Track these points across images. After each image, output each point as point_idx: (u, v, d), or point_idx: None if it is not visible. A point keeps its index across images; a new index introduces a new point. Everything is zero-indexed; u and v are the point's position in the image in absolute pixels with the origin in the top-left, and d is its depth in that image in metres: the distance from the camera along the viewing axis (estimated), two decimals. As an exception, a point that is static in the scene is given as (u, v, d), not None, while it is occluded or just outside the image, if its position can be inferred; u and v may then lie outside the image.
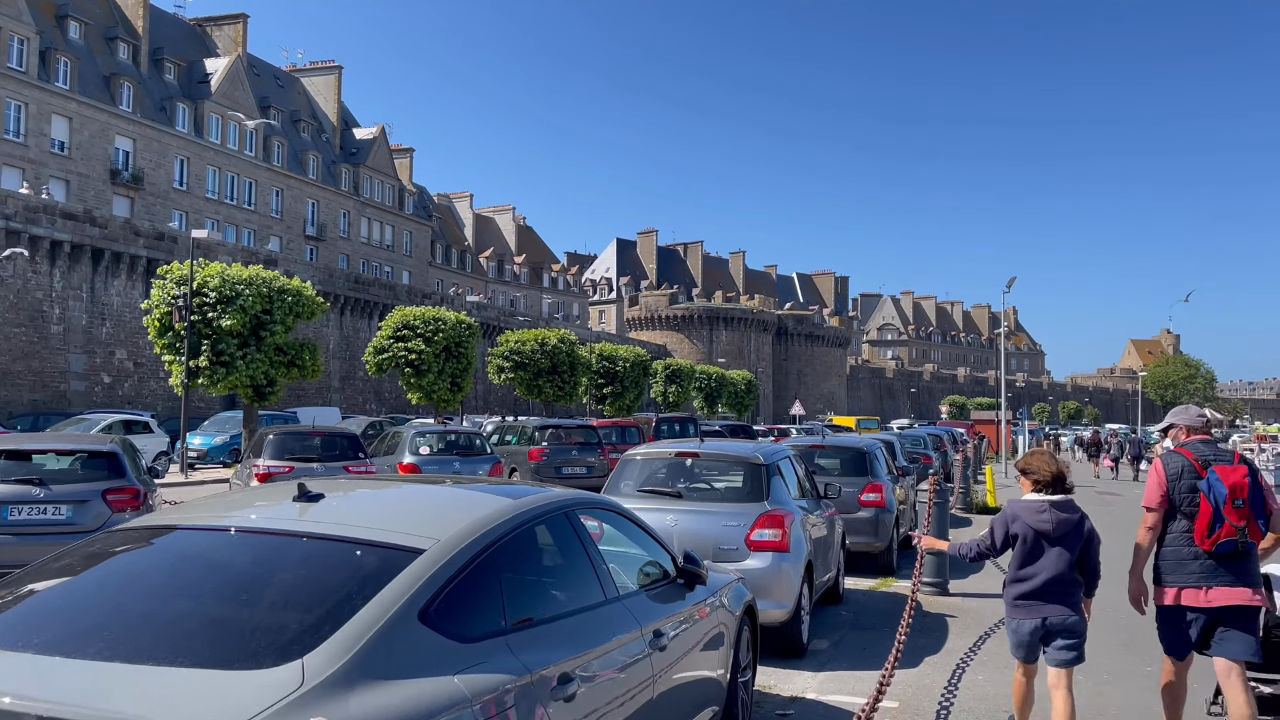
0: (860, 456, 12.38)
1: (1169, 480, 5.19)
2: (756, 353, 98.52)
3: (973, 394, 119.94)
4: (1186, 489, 5.14)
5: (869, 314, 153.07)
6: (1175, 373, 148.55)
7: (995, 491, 21.26)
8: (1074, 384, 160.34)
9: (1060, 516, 5.15)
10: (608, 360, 51.75)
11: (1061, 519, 5.15)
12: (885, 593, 10.73)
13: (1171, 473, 5.20)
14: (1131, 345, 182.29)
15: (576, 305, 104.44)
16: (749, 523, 7.44)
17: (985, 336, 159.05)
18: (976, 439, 37.54)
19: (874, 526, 11.65)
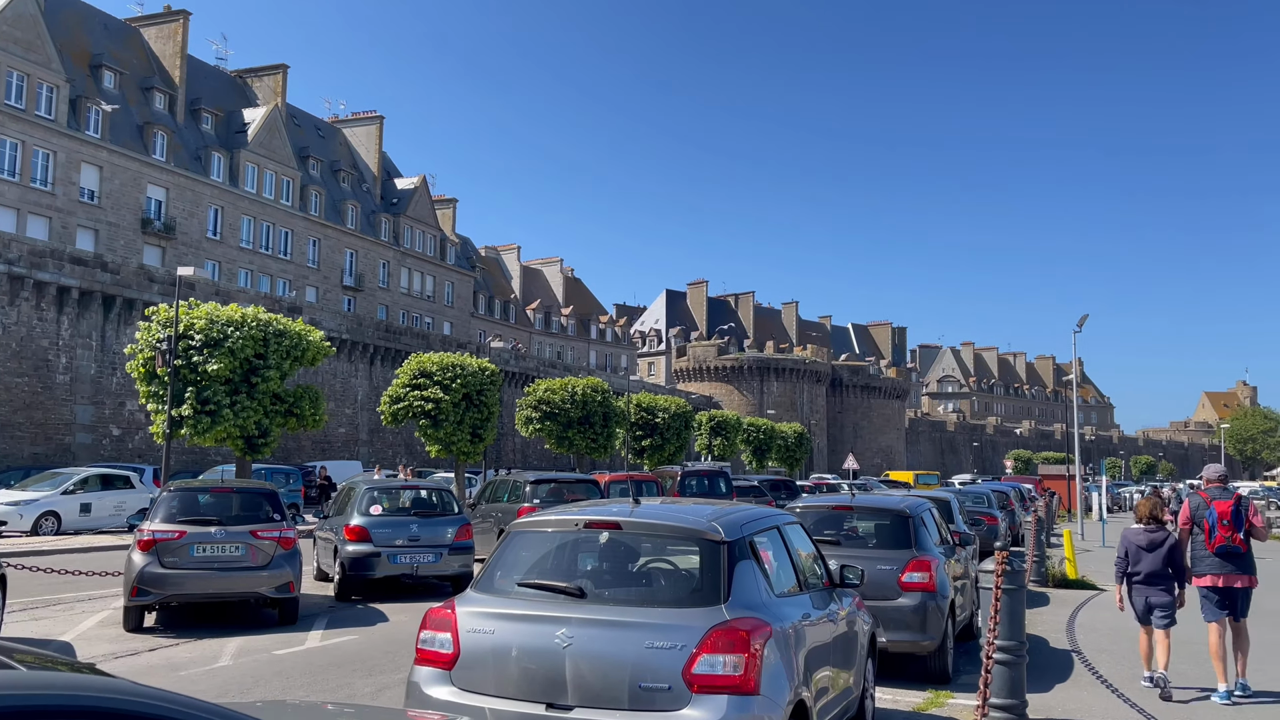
0: (901, 521, 9.37)
1: (1191, 509, 9.03)
2: (809, 405, 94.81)
3: (1038, 448, 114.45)
4: (1202, 515, 8.92)
5: (928, 366, 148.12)
6: (1255, 425, 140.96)
7: (1076, 560, 17.87)
8: (1146, 438, 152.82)
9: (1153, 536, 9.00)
10: (646, 411, 48.97)
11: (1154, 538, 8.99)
12: (936, 716, 7.70)
13: (1194, 505, 9.02)
14: (1206, 398, 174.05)
15: (625, 357, 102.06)
16: (694, 643, 4.61)
17: (1050, 389, 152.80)
18: (1047, 495, 33.84)
19: (920, 618, 8.64)
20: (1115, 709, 8.03)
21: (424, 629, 5.30)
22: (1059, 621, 12.76)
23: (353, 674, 9.22)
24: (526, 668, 4.87)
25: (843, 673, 6.12)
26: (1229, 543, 8.63)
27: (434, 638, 5.21)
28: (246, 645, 10.63)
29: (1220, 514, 8.68)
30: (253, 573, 11.46)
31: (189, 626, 11.85)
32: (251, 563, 11.47)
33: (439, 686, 5.09)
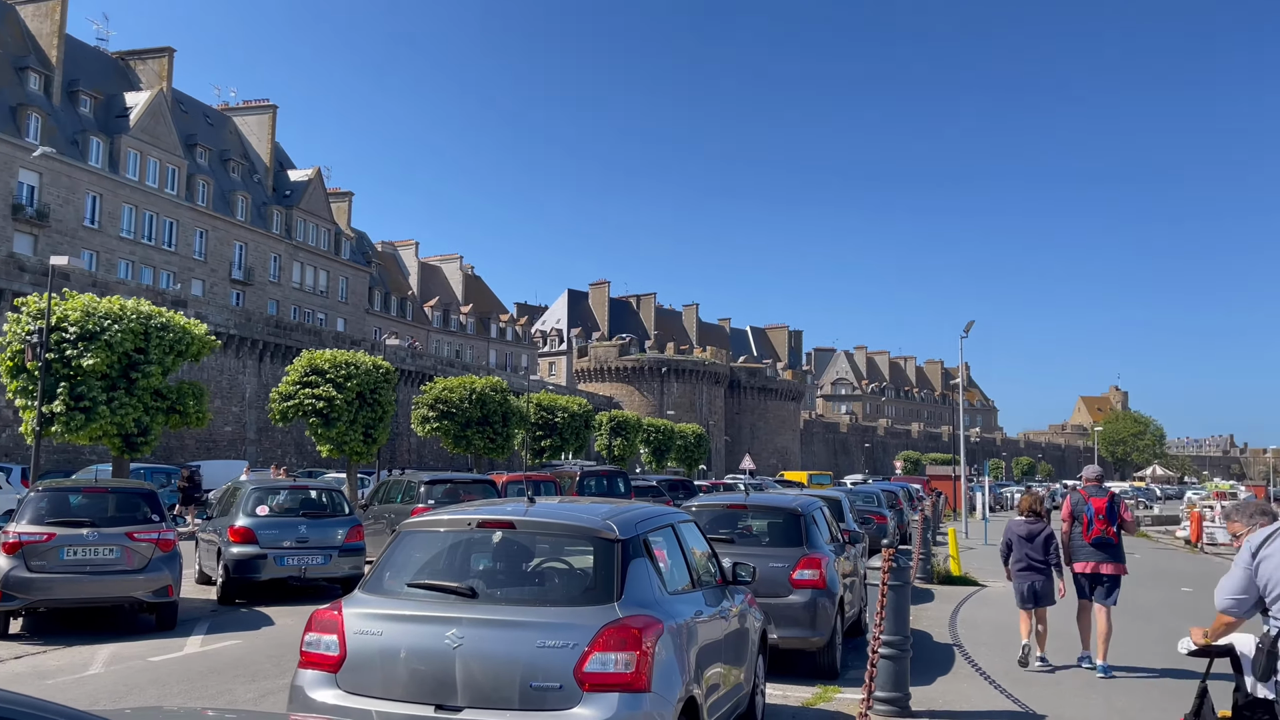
0: (793, 520, 9.54)
1: (1072, 505, 10.16)
2: (708, 406, 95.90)
3: (926, 449, 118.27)
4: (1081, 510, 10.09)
5: (823, 368, 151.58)
6: (1126, 429, 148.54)
7: (960, 558, 18.52)
8: (1027, 440, 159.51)
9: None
10: (546, 411, 48.77)
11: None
12: (824, 711, 7.87)
13: (1075, 501, 10.15)
14: (1082, 402, 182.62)
15: (525, 356, 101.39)
16: (586, 641, 4.60)
17: (938, 392, 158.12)
18: (934, 495, 34.99)
19: (810, 615, 8.81)
20: (992, 698, 8.35)
21: (309, 631, 5.16)
22: (943, 617, 13.20)
23: (234, 680, 8.90)
24: (415, 669, 4.79)
25: (734, 669, 6.19)
26: (1103, 535, 9.85)
27: (319, 640, 5.08)
28: (120, 652, 10.16)
29: (1097, 509, 9.91)
30: (128, 576, 10.96)
31: (59, 633, 11.26)
32: (127, 566, 10.96)
33: (324, 690, 4.96)
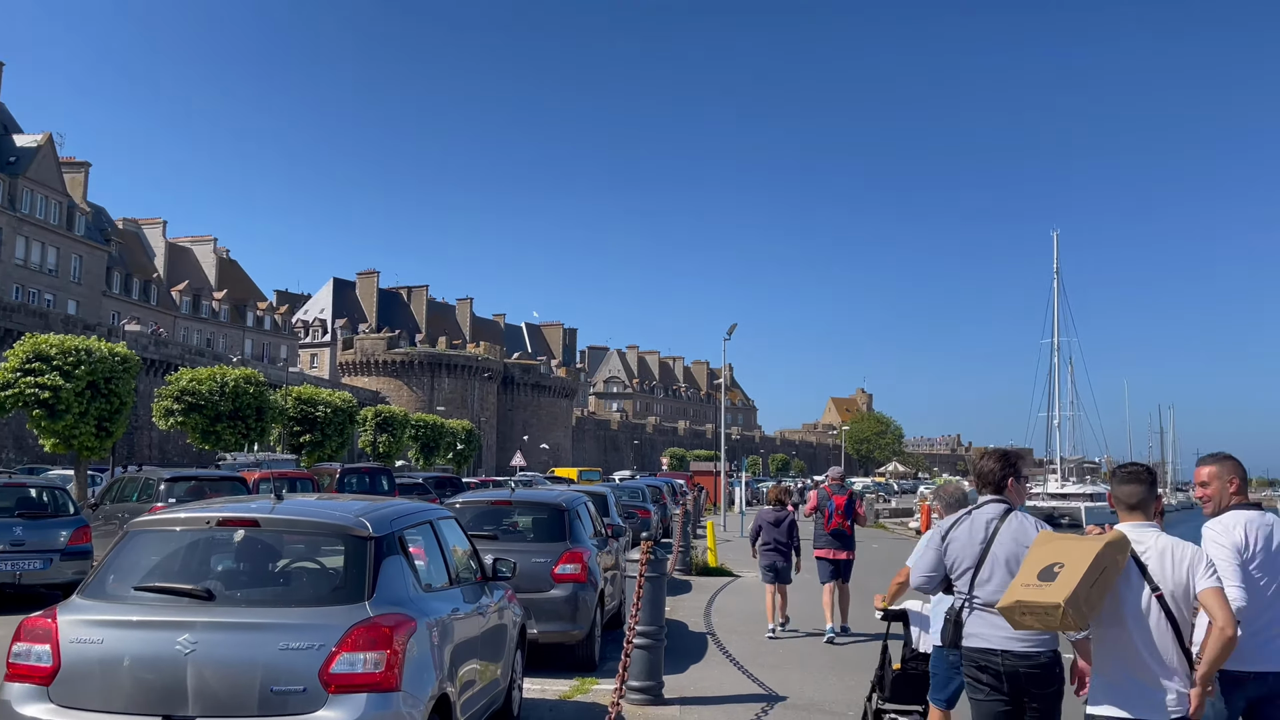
0: (557, 516, 9.63)
1: (819, 499, 11.86)
2: (480, 402, 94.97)
3: (692, 446, 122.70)
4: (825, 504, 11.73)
5: (596, 366, 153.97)
6: (870, 429, 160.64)
7: (716, 549, 19.35)
8: (783, 438, 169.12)
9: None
10: (306, 405, 46.50)
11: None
12: (581, 703, 7.98)
13: (821, 497, 11.83)
14: (832, 403, 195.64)
15: (285, 347, 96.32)
16: (333, 641, 4.42)
17: (704, 391, 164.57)
18: (696, 490, 36.37)
19: (571, 608, 8.91)
20: (740, 683, 8.78)
21: (17, 641, 4.66)
22: (699, 606, 13.74)
23: (-75, 703, 7.87)
24: (141, 678, 4.42)
25: (491, 665, 6.15)
26: (840, 527, 11.54)
27: (29, 650, 4.59)
28: None
29: (837, 505, 11.60)
30: None
31: None
32: None
33: (33, 704, 4.50)
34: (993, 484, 4.85)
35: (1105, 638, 4.07)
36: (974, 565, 4.63)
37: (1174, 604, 3.98)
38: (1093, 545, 3.95)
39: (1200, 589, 3.94)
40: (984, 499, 4.86)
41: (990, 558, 4.61)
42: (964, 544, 4.70)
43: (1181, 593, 3.99)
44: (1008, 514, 4.73)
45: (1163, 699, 3.90)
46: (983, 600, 4.54)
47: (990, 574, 4.57)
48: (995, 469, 4.86)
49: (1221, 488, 4.61)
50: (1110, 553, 3.94)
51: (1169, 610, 3.96)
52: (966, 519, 4.78)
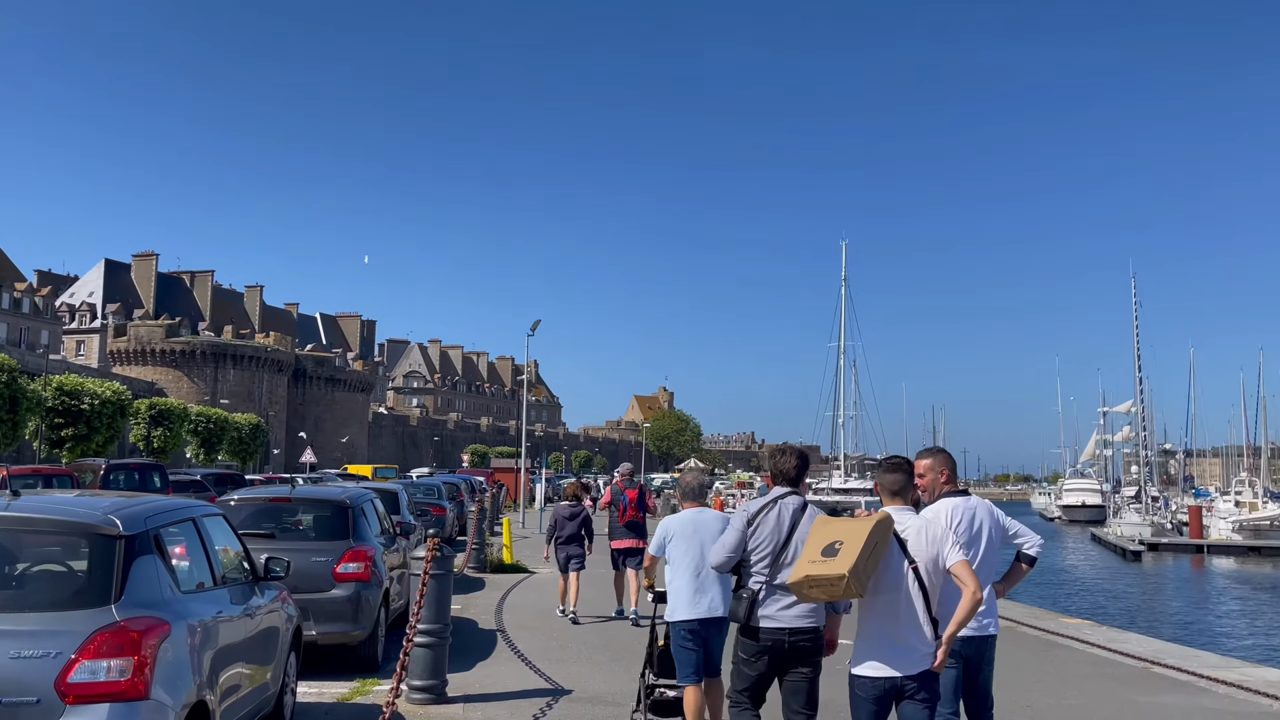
0: (340, 513, 9.30)
1: (613, 494, 12.50)
2: (269, 396, 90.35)
3: (495, 443, 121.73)
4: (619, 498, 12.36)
5: (396, 360, 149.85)
6: (670, 426, 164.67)
7: (512, 546, 19.28)
8: (586, 435, 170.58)
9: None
10: (70, 396, 42.78)
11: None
12: (359, 705, 7.75)
13: (615, 492, 12.48)
14: (635, 400, 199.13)
15: (47, 333, 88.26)
16: (72, 648, 4.09)
17: (508, 388, 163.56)
18: (496, 487, 36.07)
19: (353, 608, 8.63)
20: (527, 678, 8.80)
21: None
22: (491, 604, 13.66)
23: None
24: None
25: (260, 669, 5.87)
26: (634, 518, 12.27)
27: None
28: None
29: (630, 498, 12.31)
30: None
31: None
32: None
33: None
34: (790, 479, 5.25)
35: (870, 605, 4.56)
36: (776, 551, 5.00)
37: (926, 575, 4.53)
38: (865, 524, 4.45)
39: (951, 562, 4.51)
40: (783, 491, 5.23)
41: (792, 545, 4.99)
42: (769, 531, 5.04)
43: (933, 565, 4.54)
44: (805, 506, 5.16)
45: (914, 656, 4.44)
46: (782, 582, 4.88)
47: (792, 559, 4.91)
48: (794, 465, 5.29)
49: (935, 478, 5.24)
50: (880, 530, 4.46)
51: (922, 580, 4.51)
52: (773, 508, 5.12)
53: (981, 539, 5.17)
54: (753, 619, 4.94)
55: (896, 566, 4.52)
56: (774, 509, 5.10)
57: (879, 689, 4.45)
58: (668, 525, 6.54)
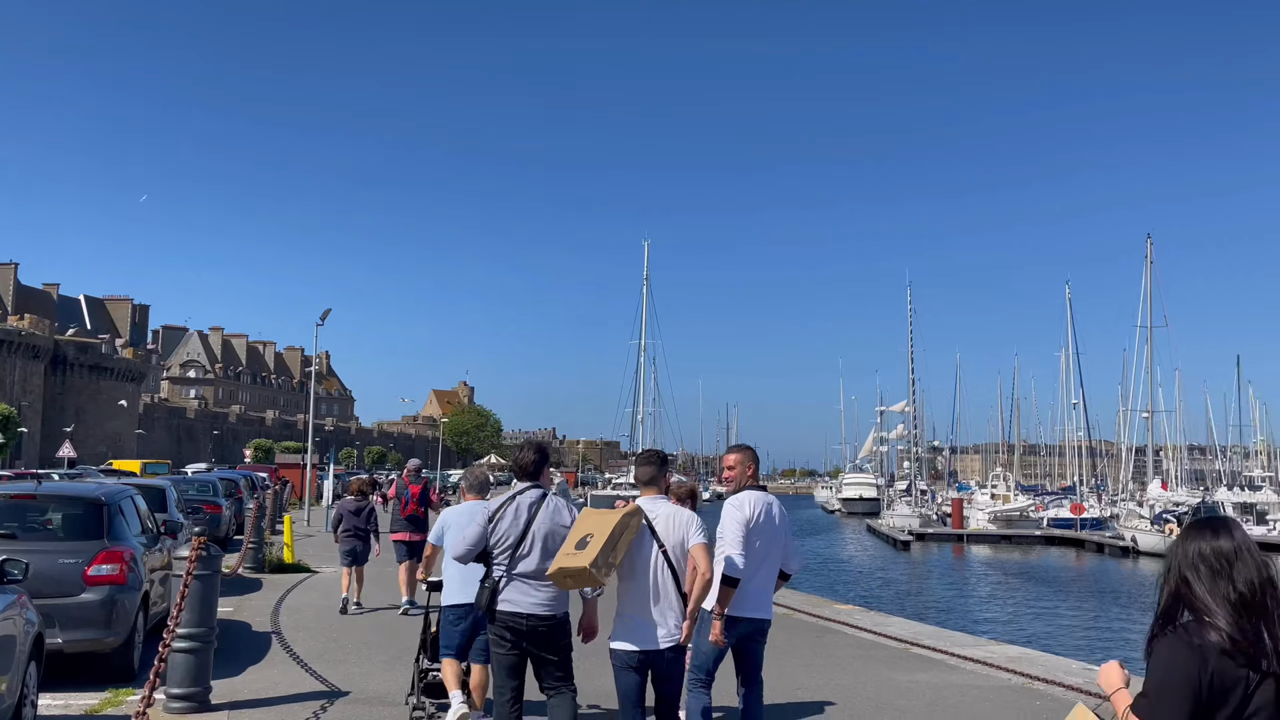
0: (94, 511, 8.55)
1: (399, 489, 13.24)
2: (23, 384, 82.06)
3: (281, 437, 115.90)
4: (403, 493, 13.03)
5: (172, 349, 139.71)
6: (469, 421, 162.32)
7: (294, 545, 18.40)
8: (380, 430, 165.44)
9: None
10: None
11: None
12: (111, 716, 7.15)
13: (400, 487, 13.22)
14: (434, 395, 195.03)
15: None
16: None
17: (297, 380, 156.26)
18: (280, 484, 34.35)
19: (107, 613, 7.95)
20: (301, 681, 8.40)
21: None
22: (268, 605, 12.97)
23: None
24: None
25: None
26: (415, 512, 12.71)
27: None
28: None
29: (413, 493, 12.86)
30: None
31: None
32: None
33: None
34: (530, 473, 5.50)
35: (626, 586, 5.04)
36: (516, 542, 5.27)
37: (674, 557, 5.03)
38: (614, 516, 4.94)
39: (691, 545, 5.01)
40: (523, 486, 5.47)
41: (530, 535, 5.27)
42: (509, 524, 5.31)
43: (680, 549, 5.06)
44: (544, 498, 5.42)
45: (664, 631, 4.96)
46: (519, 572, 5.21)
47: (529, 549, 5.24)
48: (533, 460, 5.52)
49: (742, 471, 5.68)
50: (627, 520, 4.95)
51: (670, 562, 5.01)
52: (511, 503, 5.38)
53: (773, 531, 5.60)
54: (494, 606, 5.24)
55: (648, 550, 4.99)
56: (513, 504, 5.35)
57: (633, 660, 4.96)
58: (445, 516, 7.03)
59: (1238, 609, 2.43)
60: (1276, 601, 2.45)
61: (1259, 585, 2.45)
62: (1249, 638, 2.40)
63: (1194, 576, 2.50)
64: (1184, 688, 2.36)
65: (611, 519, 4.92)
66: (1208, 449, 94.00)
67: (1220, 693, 2.37)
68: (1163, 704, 2.37)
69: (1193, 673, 2.36)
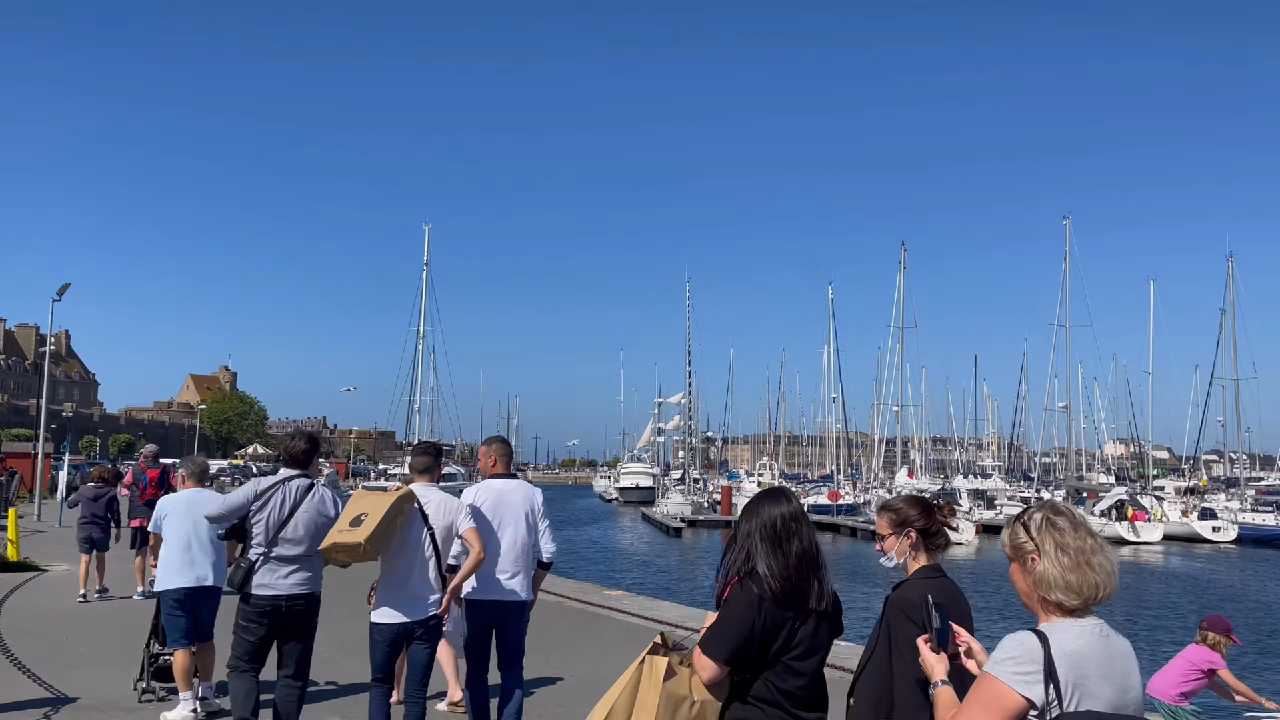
0: None
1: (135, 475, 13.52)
2: None
3: (10, 424, 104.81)
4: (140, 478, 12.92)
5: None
6: (231, 409, 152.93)
7: (19, 542, 16.61)
8: (128, 417, 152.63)
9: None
10: None
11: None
12: None
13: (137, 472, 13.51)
14: (191, 380, 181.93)
15: None
16: None
17: (30, 361, 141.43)
18: (6, 475, 30.96)
19: None
20: (21, 688, 7.61)
21: None
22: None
23: None
24: None
25: None
26: (154, 497, 12.21)
27: None
28: None
29: (152, 478, 13.13)
30: None
31: None
32: None
33: None
34: (300, 462, 5.73)
35: (391, 563, 5.39)
36: (277, 526, 5.52)
37: (440, 540, 5.44)
38: (389, 499, 5.27)
39: (463, 529, 5.49)
40: (291, 473, 5.70)
41: (293, 522, 5.55)
42: (275, 507, 5.55)
43: (446, 533, 5.47)
44: (311, 488, 5.69)
45: (423, 605, 5.36)
46: (277, 555, 5.50)
47: (292, 534, 5.53)
48: (303, 449, 5.77)
49: (488, 462, 6.01)
50: (400, 503, 5.29)
51: (436, 544, 5.42)
52: (279, 489, 5.62)
53: (516, 518, 5.88)
54: (248, 586, 5.47)
55: (417, 532, 5.37)
56: (280, 490, 5.58)
57: (392, 633, 5.32)
58: (163, 504, 7.17)
59: (795, 563, 3.09)
60: (821, 556, 3.19)
61: (810, 544, 3.16)
62: (799, 586, 3.07)
63: (760, 539, 3.12)
64: (739, 626, 3.01)
65: (386, 501, 5.22)
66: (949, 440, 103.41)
67: (771, 630, 3.03)
68: (719, 637, 3.02)
69: (749, 616, 3.01)
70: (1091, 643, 2.31)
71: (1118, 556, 2.49)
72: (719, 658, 3.00)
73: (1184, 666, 6.97)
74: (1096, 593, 2.35)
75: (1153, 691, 6.94)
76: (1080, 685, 2.24)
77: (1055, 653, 2.25)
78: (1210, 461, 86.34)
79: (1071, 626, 2.33)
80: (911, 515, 3.28)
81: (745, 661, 3.04)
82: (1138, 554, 45.24)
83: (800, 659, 3.08)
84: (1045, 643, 2.26)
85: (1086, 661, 2.27)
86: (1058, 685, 2.22)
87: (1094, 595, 2.35)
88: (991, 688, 2.27)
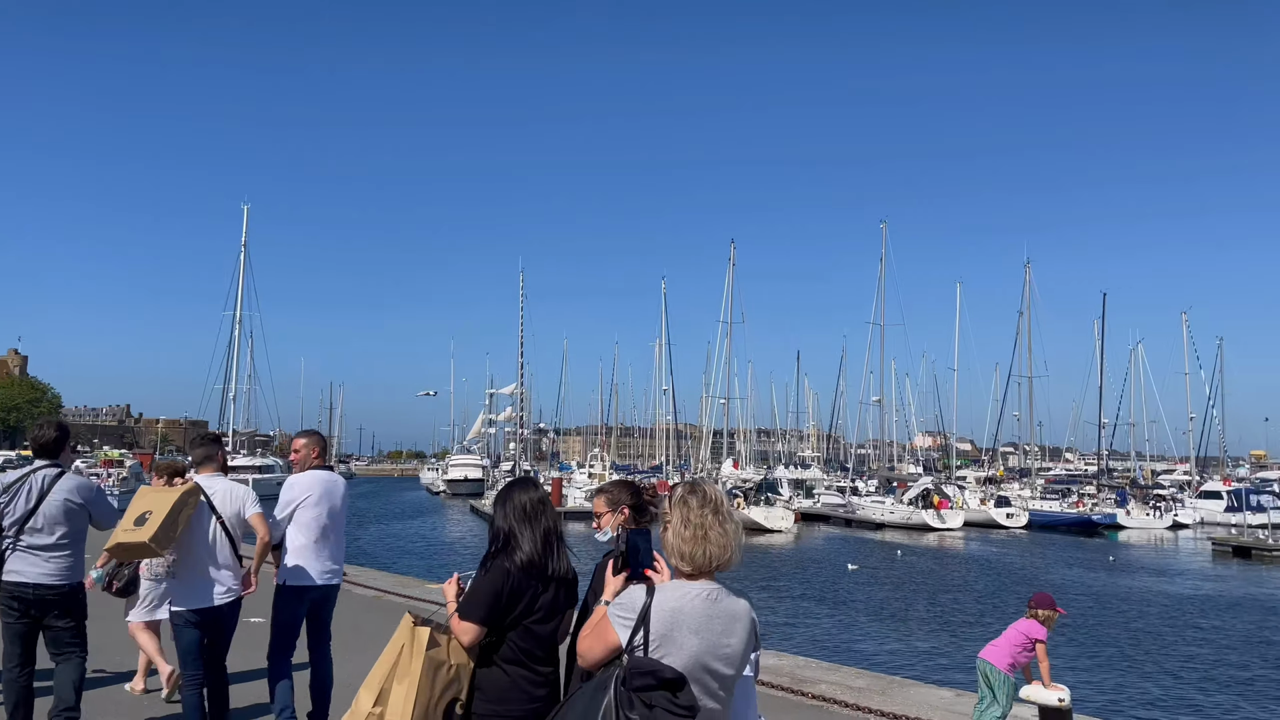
0: None
1: None
2: None
3: None
4: None
5: None
6: (20, 396, 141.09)
7: None
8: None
9: None
10: None
11: None
12: None
13: None
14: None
15: None
16: None
17: None
18: None
19: None
20: None
21: None
22: None
23: None
24: None
25: None
26: None
27: None
28: None
29: None
30: None
31: None
32: None
33: None
34: (49, 451, 5.76)
35: (187, 555, 5.60)
36: (26, 516, 5.58)
37: (231, 527, 5.70)
38: (172, 494, 5.47)
39: (249, 514, 5.78)
40: (41, 463, 5.73)
41: (41, 511, 5.60)
42: (23, 498, 5.60)
43: (237, 519, 5.76)
44: (60, 475, 5.72)
45: (221, 590, 5.64)
46: (27, 544, 5.56)
47: (39, 524, 5.59)
48: (52, 438, 5.80)
49: (307, 454, 6.22)
50: (185, 498, 5.47)
51: (228, 531, 5.68)
52: (27, 480, 5.67)
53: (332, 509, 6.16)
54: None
55: (206, 523, 5.62)
56: (28, 480, 5.62)
57: (194, 618, 5.56)
58: None
59: (541, 540, 3.55)
60: (561, 534, 3.65)
61: (554, 523, 3.63)
62: (543, 560, 3.52)
63: (515, 518, 3.58)
64: (491, 592, 3.44)
65: (170, 496, 5.36)
66: (772, 432, 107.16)
67: (516, 596, 3.46)
68: (474, 602, 3.44)
69: (500, 584, 3.45)
70: (693, 603, 2.71)
71: (741, 534, 2.88)
72: (476, 619, 3.42)
73: (1013, 637, 7.41)
74: (709, 563, 2.77)
75: (986, 657, 7.40)
76: (669, 636, 2.66)
77: (655, 607, 2.68)
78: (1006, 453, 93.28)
79: (680, 587, 2.75)
80: (623, 496, 3.88)
81: (494, 624, 3.47)
82: (942, 540, 48.21)
83: (540, 623, 3.51)
84: (650, 596, 2.71)
85: (681, 617, 2.68)
86: (647, 633, 2.65)
87: (706, 564, 2.77)
88: (603, 623, 2.78)
